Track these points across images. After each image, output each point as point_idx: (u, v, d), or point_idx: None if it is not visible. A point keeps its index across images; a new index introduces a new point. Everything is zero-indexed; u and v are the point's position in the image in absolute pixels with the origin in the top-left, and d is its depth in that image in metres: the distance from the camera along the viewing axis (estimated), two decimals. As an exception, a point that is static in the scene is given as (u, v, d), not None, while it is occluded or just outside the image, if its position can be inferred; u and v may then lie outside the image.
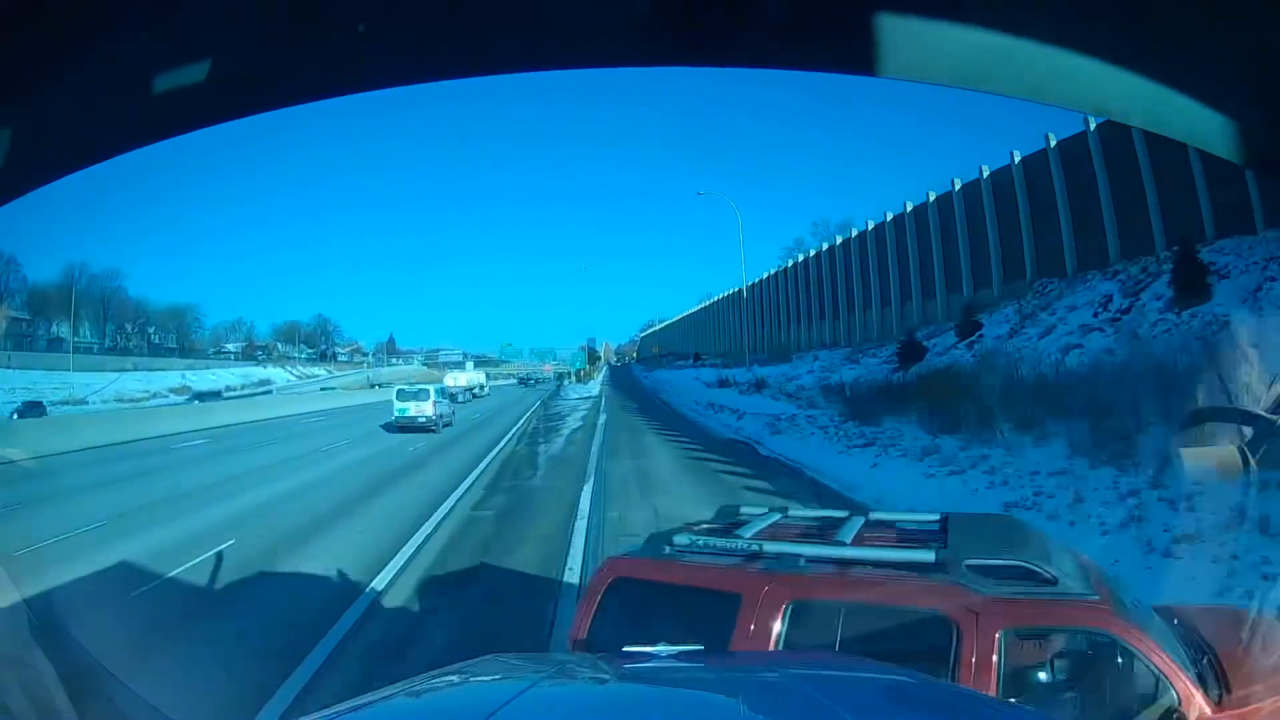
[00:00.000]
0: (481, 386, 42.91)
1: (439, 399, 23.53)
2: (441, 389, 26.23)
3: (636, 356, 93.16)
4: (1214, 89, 1.19)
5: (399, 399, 22.54)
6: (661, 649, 1.73)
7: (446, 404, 24.79)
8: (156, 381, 62.15)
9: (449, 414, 24.06)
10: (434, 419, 22.13)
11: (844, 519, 2.99)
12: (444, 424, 22.66)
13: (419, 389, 23.45)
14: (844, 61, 1.33)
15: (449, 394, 28.55)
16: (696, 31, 1.26)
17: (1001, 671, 2.18)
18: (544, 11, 1.20)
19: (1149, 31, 1.14)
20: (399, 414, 22.00)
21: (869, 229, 29.12)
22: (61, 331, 63.47)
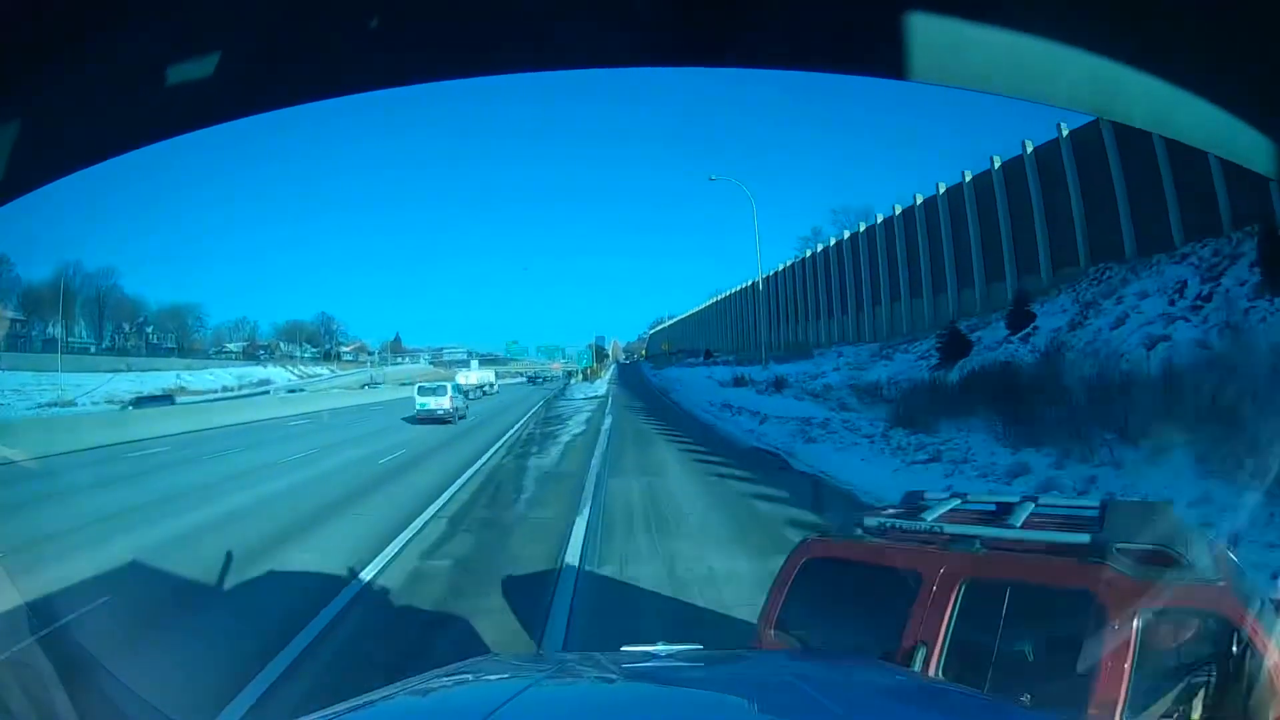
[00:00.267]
0: (491, 384, 45.81)
1: (455, 394, 26.08)
2: (457, 386, 28.99)
3: (645, 354, 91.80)
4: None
5: (420, 394, 25.17)
6: (661, 648, 1.76)
7: (461, 399, 27.29)
8: (150, 382, 61.41)
9: (463, 408, 26.51)
10: (451, 411, 24.52)
11: (1015, 504, 2.99)
12: (459, 417, 25.00)
13: (438, 385, 26.53)
14: (869, 64, 1.25)
15: (463, 390, 30.91)
16: (709, 33, 1.21)
17: (1136, 651, 2.16)
18: (550, 11, 1.18)
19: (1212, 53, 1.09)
20: (420, 408, 24.38)
21: (896, 214, 26.64)
22: (57, 332, 62.97)
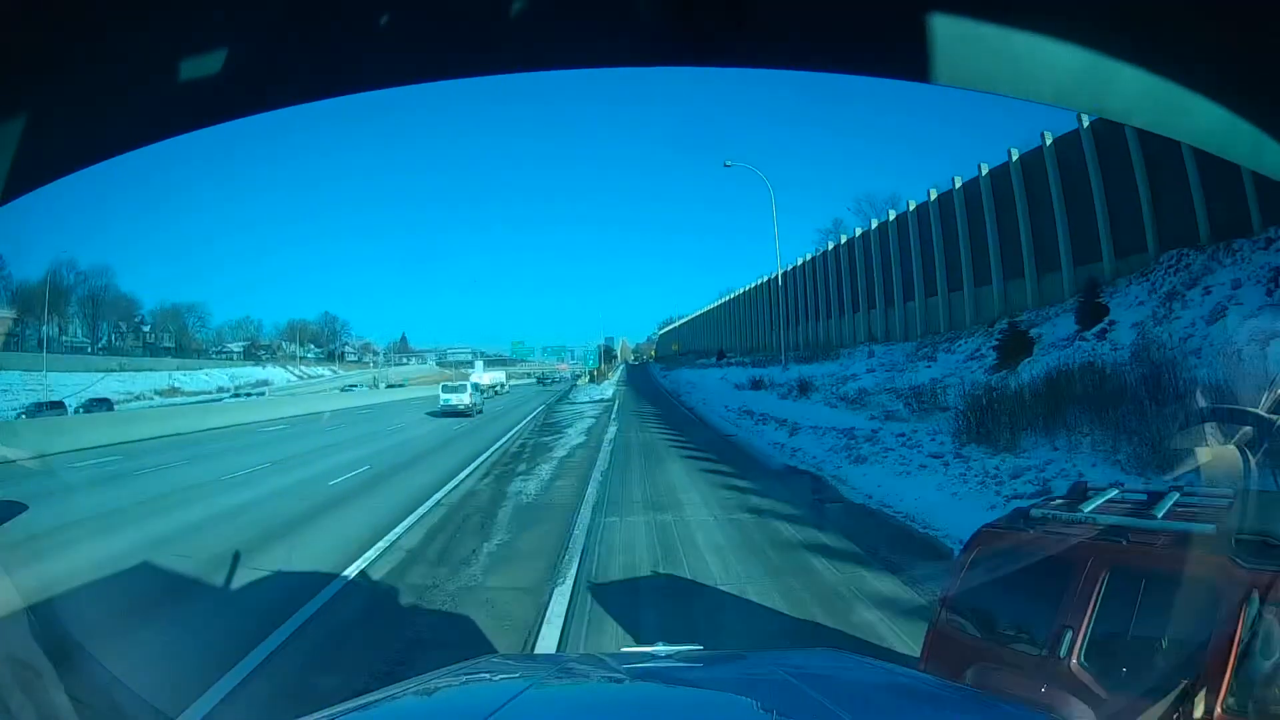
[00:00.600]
0: (502, 384, 49.25)
1: (474, 392, 30.23)
2: (476, 385, 32.87)
3: (654, 355, 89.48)
4: None
5: (444, 392, 29.80)
6: (661, 649, 1.78)
7: (479, 396, 31.25)
8: (142, 383, 59.72)
9: (480, 403, 30.33)
10: (469, 406, 28.61)
11: (1163, 494, 2.96)
12: (476, 411, 28.58)
13: (459, 385, 31.19)
14: (887, 66, 1.19)
15: (480, 389, 34.32)
16: (718, 33, 1.16)
17: (1244, 639, 2.21)
18: (554, 9, 1.13)
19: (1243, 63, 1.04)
20: (444, 403, 28.59)
21: (931, 199, 24.02)
22: (50, 330, 61.69)
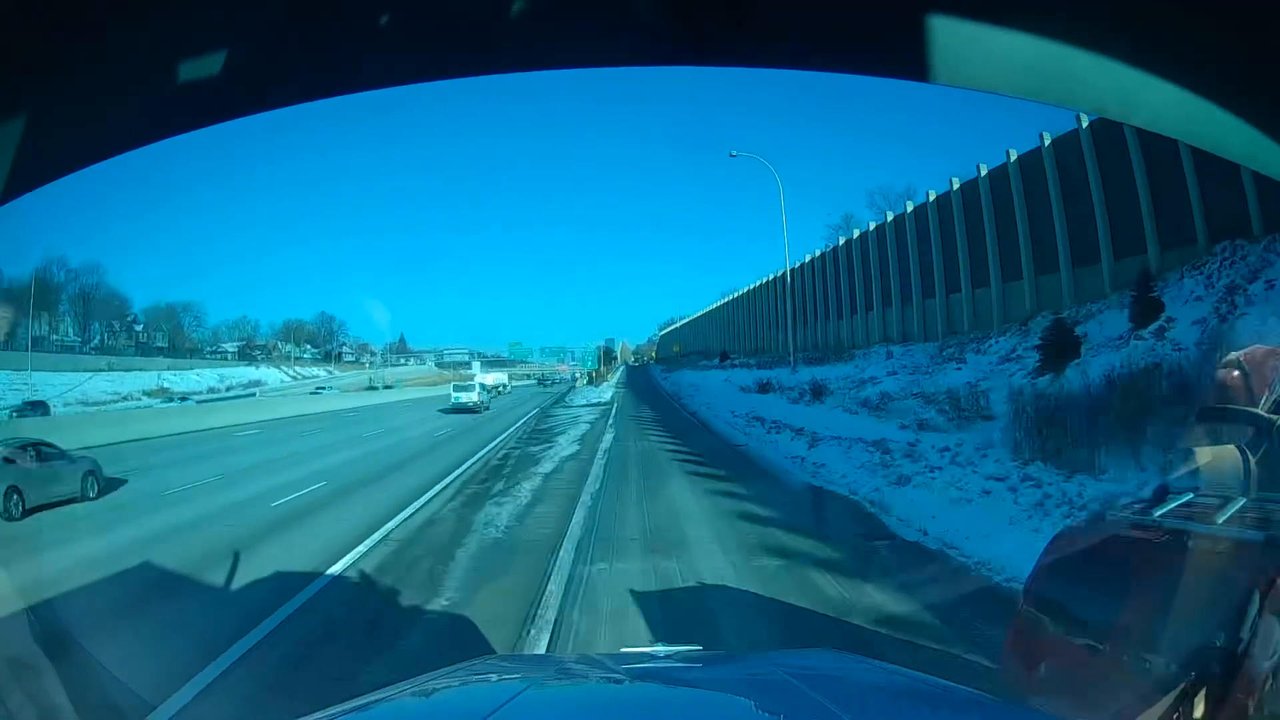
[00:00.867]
0: (504, 385, 50.78)
1: (482, 391, 32.79)
2: (483, 385, 35.14)
3: (655, 356, 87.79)
4: None
5: (455, 391, 32.36)
6: (660, 649, 1.80)
7: (487, 395, 33.63)
8: (130, 383, 58.26)
9: (487, 401, 32.50)
10: (478, 403, 31.06)
11: (1230, 499, 2.60)
12: (484, 408, 31.11)
13: (469, 384, 33.54)
14: (887, 67, 1.18)
15: (488, 389, 36.93)
16: (718, 33, 1.15)
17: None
18: (554, 8, 1.12)
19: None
20: (455, 401, 31.12)
21: (954, 188, 22.32)
22: (39, 329, 60.51)
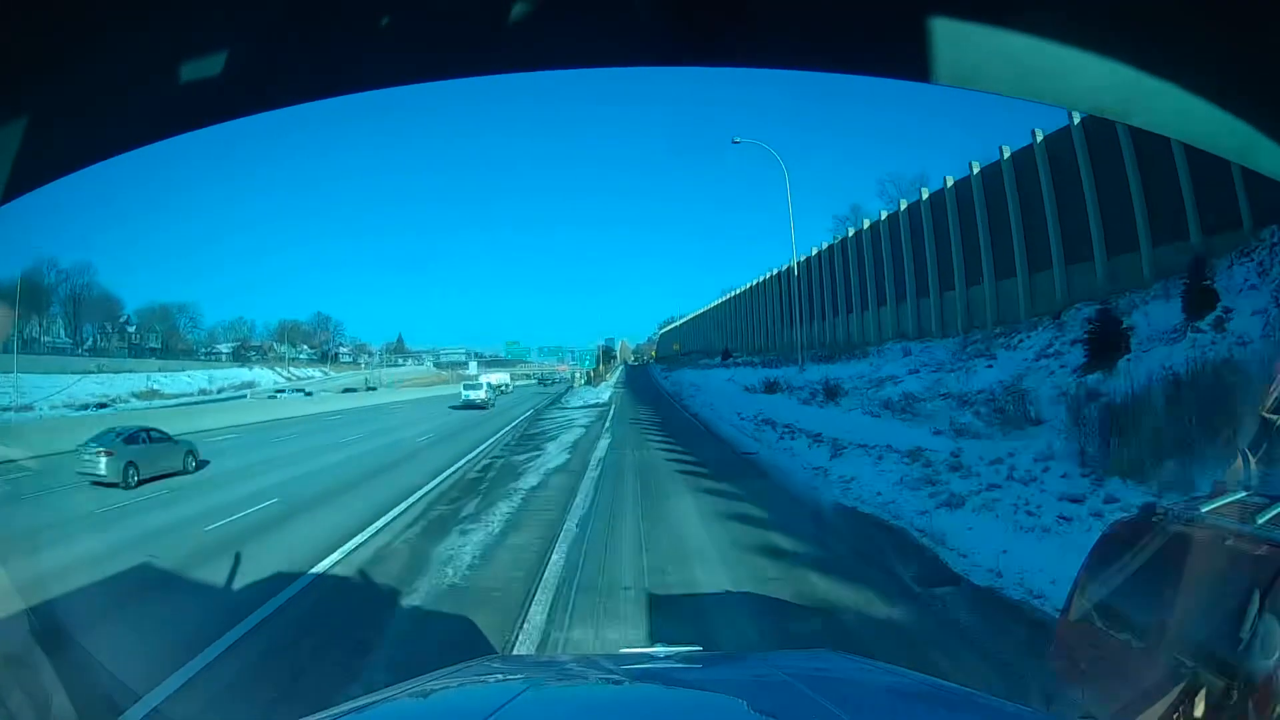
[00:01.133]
0: (507, 385, 52.54)
1: (489, 390, 35.78)
2: (490, 385, 38.14)
3: (655, 355, 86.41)
4: None
5: (464, 389, 35.28)
6: (660, 650, 1.83)
7: (494, 393, 36.44)
8: (120, 385, 57.00)
9: (493, 399, 35.33)
10: (485, 401, 33.88)
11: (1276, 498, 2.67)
12: (490, 404, 34.04)
13: (477, 384, 36.93)
14: (888, 67, 1.17)
15: (494, 388, 39.75)
16: (718, 33, 1.16)
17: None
18: (556, 9, 1.14)
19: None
20: (465, 398, 33.91)
21: (974, 172, 20.89)
22: (34, 331, 59.41)
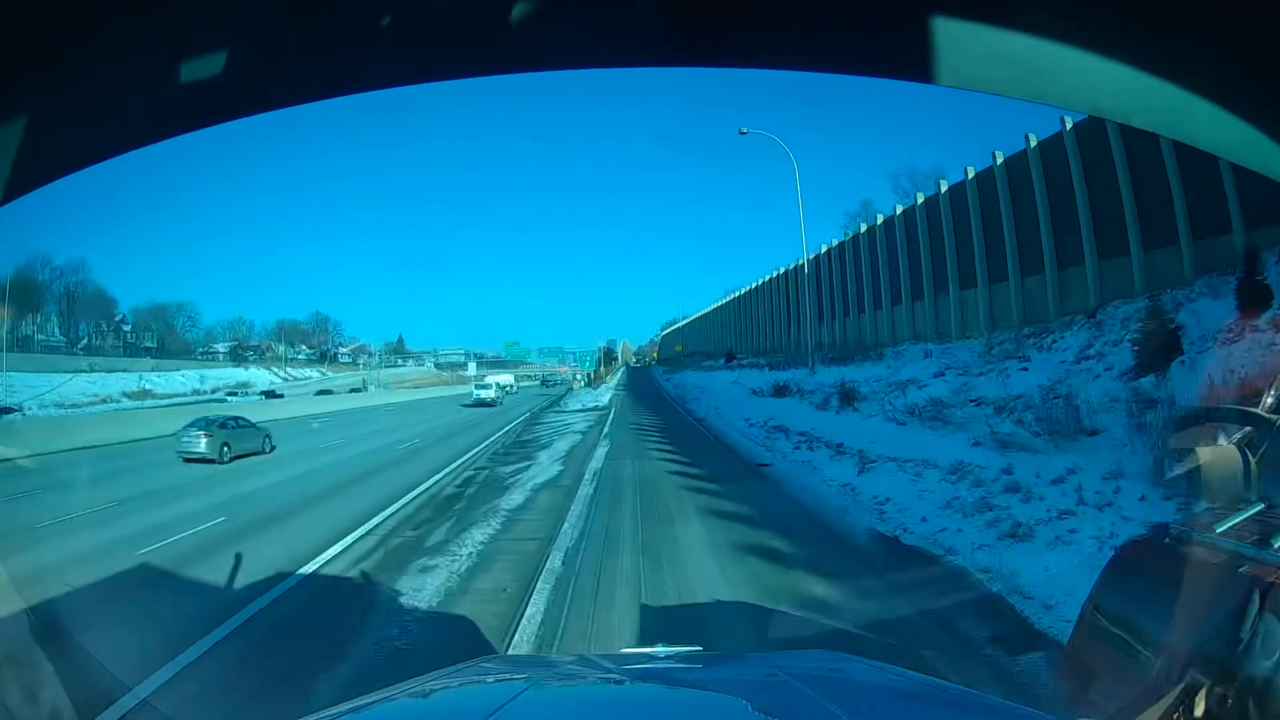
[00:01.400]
0: (512, 385, 54.55)
1: (498, 390, 38.97)
2: (499, 385, 41.37)
3: (657, 356, 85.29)
4: None
5: (476, 389, 38.64)
6: (661, 650, 1.79)
7: (501, 393, 39.62)
8: (112, 384, 56.05)
9: (501, 398, 38.47)
10: (494, 399, 37.08)
11: None
12: (499, 402, 36.96)
13: (487, 383, 40.27)
14: (894, 67, 1.12)
15: (503, 388, 43.00)
16: (718, 33, 1.12)
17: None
18: (556, 9, 1.10)
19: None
20: (476, 397, 36.98)
21: (997, 162, 19.69)
22: (29, 329, 58.62)
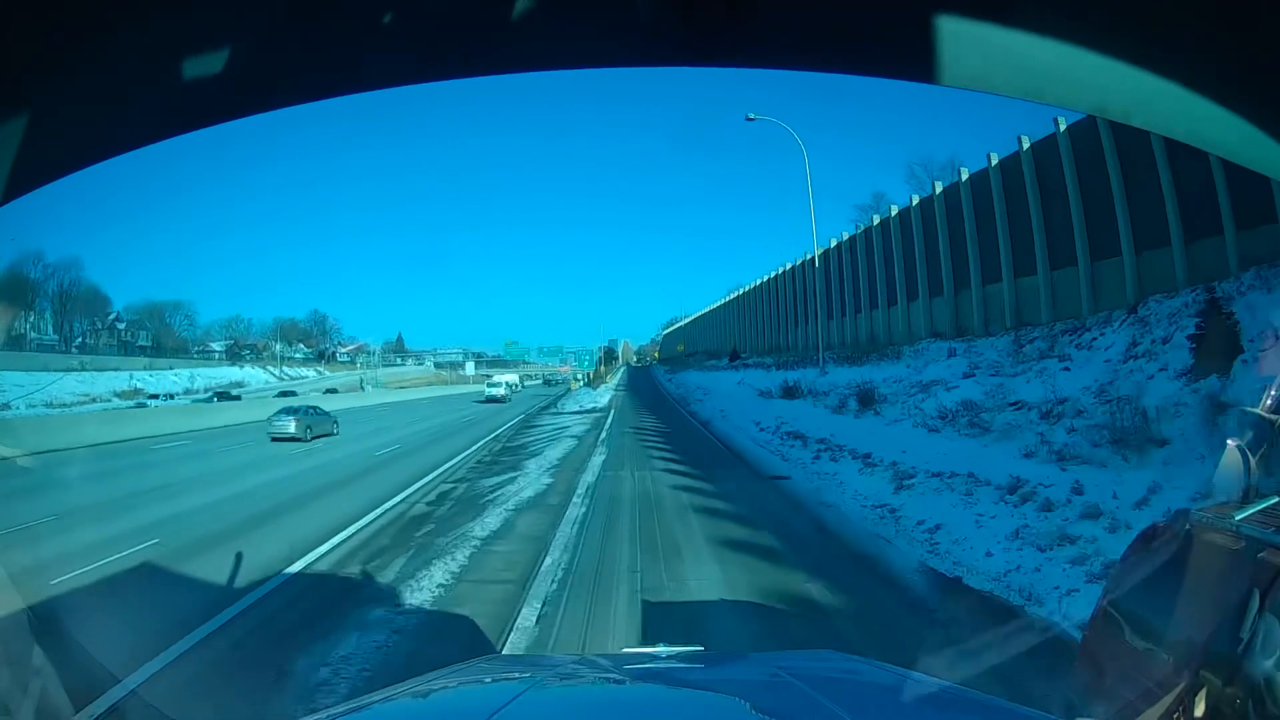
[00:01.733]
0: (517, 384, 57.23)
1: (507, 388, 44.51)
2: (509, 383, 46.70)
3: (658, 356, 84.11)
4: None
5: (488, 386, 44.96)
6: (662, 649, 1.79)
7: (510, 391, 44.64)
8: (103, 383, 55.02)
9: (510, 395, 43.27)
10: (504, 396, 42.37)
11: None
12: (508, 399, 41.37)
13: (497, 382, 46.04)
14: (896, 67, 1.13)
15: (511, 386, 47.65)
16: (721, 34, 1.11)
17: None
18: (557, 9, 1.09)
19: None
20: (488, 394, 42.78)
21: (1023, 147, 18.31)
22: (22, 327, 57.80)
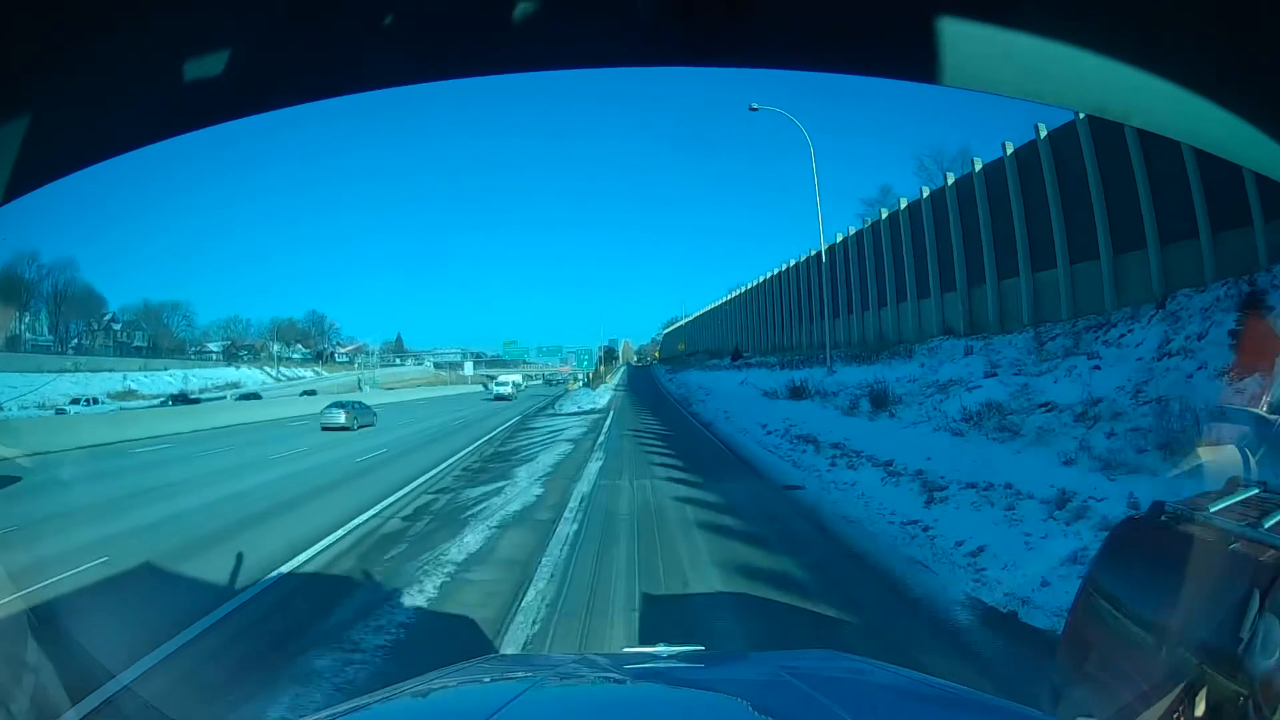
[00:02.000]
0: (520, 384, 59.52)
1: (514, 387, 48.63)
2: (515, 383, 51.34)
3: (658, 356, 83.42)
4: None
5: (495, 385, 49.31)
6: (662, 649, 1.78)
7: (516, 389, 48.71)
8: (97, 385, 54.50)
9: (516, 393, 47.35)
10: (510, 394, 45.88)
11: None
12: (514, 397, 45.27)
13: (505, 381, 49.75)
14: (897, 67, 1.15)
15: (518, 385, 51.28)
16: (722, 34, 1.13)
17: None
18: (556, 9, 1.10)
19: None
20: (495, 393, 46.68)
21: (1040, 135, 17.46)
22: (18, 328, 57.33)
